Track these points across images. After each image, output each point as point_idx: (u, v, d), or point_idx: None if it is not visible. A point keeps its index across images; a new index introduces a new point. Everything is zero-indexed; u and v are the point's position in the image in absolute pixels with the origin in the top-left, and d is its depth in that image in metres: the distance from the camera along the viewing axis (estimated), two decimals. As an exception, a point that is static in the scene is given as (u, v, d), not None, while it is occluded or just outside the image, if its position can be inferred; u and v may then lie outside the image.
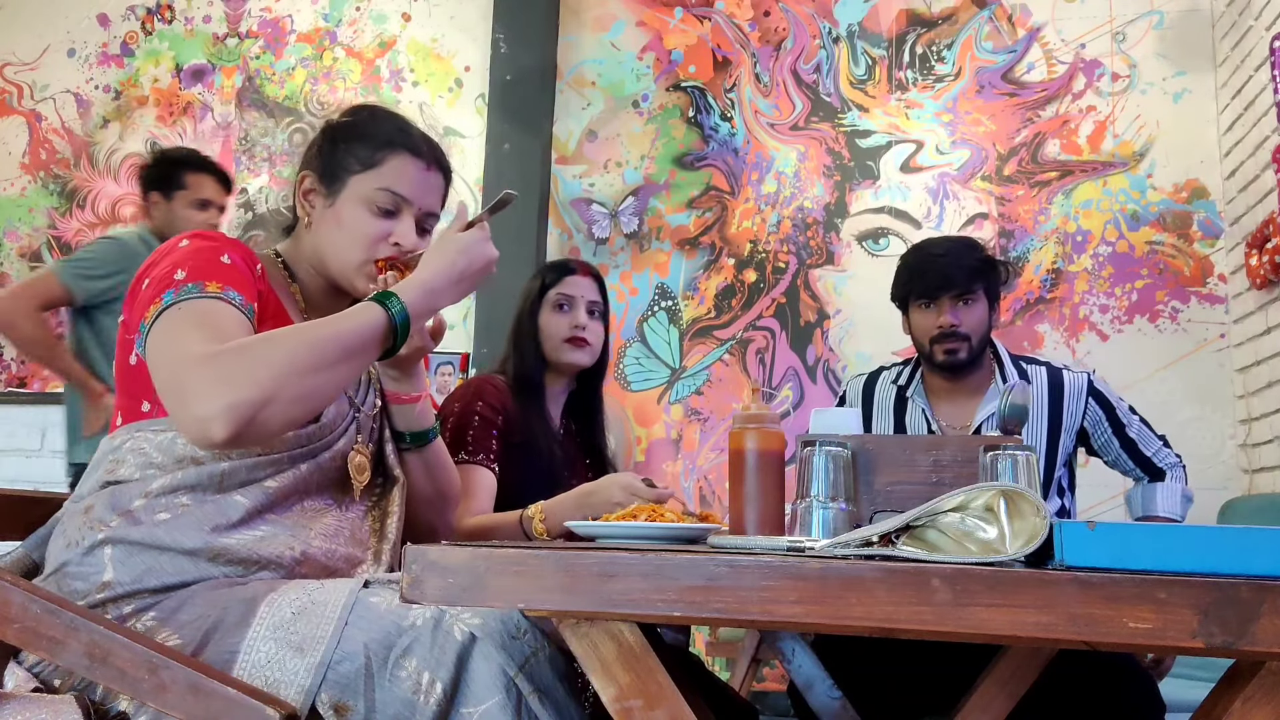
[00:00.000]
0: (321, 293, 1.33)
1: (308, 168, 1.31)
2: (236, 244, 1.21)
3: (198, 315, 1.09)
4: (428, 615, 1.02)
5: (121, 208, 4.64)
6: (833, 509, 1.14)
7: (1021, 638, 0.72)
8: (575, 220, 4.21)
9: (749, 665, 2.55)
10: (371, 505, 1.32)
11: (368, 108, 1.37)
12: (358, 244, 1.27)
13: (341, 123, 1.33)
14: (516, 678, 0.99)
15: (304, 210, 1.31)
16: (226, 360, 1.03)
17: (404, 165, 1.29)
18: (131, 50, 4.78)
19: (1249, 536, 0.75)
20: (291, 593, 1.08)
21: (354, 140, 1.29)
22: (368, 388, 1.35)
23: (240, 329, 1.11)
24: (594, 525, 1.23)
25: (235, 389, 1.00)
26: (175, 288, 1.12)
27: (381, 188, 1.27)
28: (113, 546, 1.11)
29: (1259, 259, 3.18)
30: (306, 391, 1.06)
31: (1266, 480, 3.26)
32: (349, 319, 1.13)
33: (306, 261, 1.32)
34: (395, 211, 1.28)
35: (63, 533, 1.17)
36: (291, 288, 1.31)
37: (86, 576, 1.11)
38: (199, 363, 1.03)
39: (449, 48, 4.49)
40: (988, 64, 3.94)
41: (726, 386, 3.97)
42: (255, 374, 1.02)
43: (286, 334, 1.09)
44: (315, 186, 1.30)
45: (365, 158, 1.27)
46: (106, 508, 1.13)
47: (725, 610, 0.77)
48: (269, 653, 1.03)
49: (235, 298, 1.13)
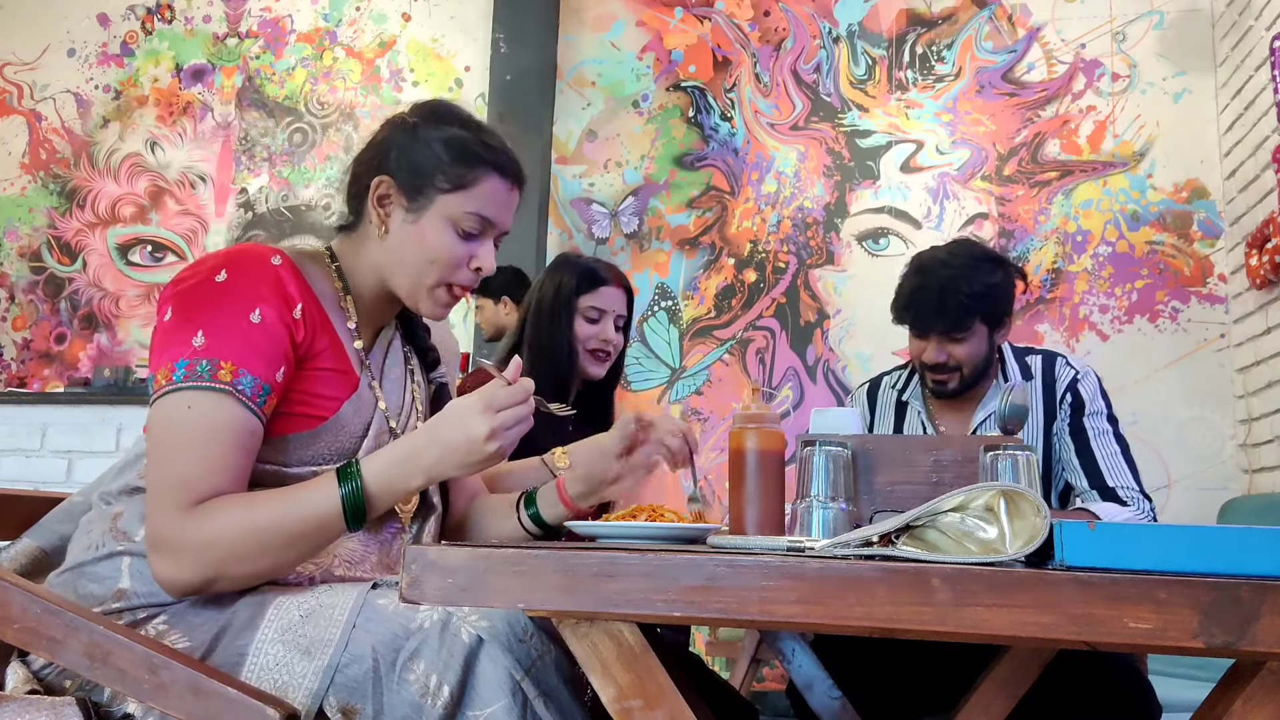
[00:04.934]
0: (376, 300, 1.27)
1: (384, 172, 1.22)
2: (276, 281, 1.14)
3: (194, 432, 1.07)
4: (435, 618, 1.02)
5: (121, 207, 4.64)
6: (833, 509, 1.14)
7: (1021, 638, 0.72)
8: (575, 220, 4.21)
9: (749, 665, 2.55)
10: (400, 529, 1.28)
11: (447, 112, 1.28)
12: (438, 265, 1.21)
13: (425, 128, 1.24)
14: (523, 681, 0.99)
15: (379, 218, 1.22)
16: (182, 531, 1.06)
17: (494, 188, 1.24)
18: (131, 50, 4.77)
19: (1249, 536, 0.75)
20: (299, 595, 1.08)
21: (442, 153, 1.22)
22: (411, 411, 1.31)
23: (235, 444, 1.08)
24: (594, 525, 1.23)
25: (183, 567, 1.05)
26: (190, 359, 1.08)
27: (471, 211, 1.22)
28: (132, 559, 1.12)
29: (1259, 259, 3.18)
30: (254, 573, 1.08)
31: (1266, 480, 3.26)
32: (298, 500, 1.08)
33: (370, 267, 1.25)
34: (479, 234, 1.24)
35: (87, 532, 1.17)
36: (344, 300, 1.24)
37: (102, 580, 1.11)
38: (167, 511, 1.06)
39: (449, 48, 4.49)
40: (988, 64, 3.93)
41: (726, 386, 3.97)
42: (200, 555, 1.05)
43: (233, 516, 1.07)
44: (394, 195, 1.22)
45: (456, 177, 1.21)
46: (134, 519, 1.14)
47: (725, 610, 0.77)
48: (277, 655, 1.03)
49: (247, 387, 1.08)
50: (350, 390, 1.19)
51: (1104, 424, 1.90)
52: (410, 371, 1.34)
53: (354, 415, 1.19)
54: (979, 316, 1.87)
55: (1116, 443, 1.89)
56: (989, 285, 1.87)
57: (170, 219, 4.61)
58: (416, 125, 1.25)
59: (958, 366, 1.89)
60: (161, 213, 4.62)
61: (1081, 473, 1.87)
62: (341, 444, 1.18)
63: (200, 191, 4.61)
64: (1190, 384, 3.56)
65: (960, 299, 1.84)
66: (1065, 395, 1.91)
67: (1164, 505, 3.44)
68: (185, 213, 4.61)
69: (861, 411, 2.11)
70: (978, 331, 1.88)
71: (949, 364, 1.89)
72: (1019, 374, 1.96)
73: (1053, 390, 1.93)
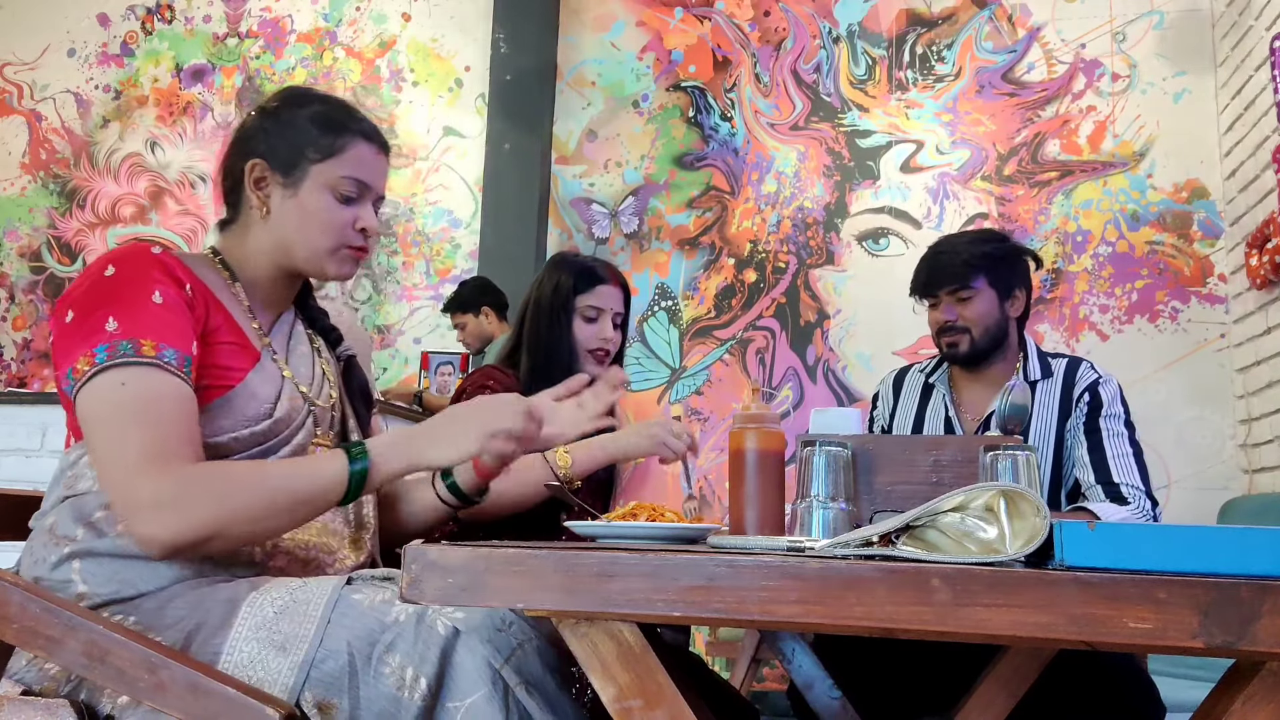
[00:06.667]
0: (271, 283, 1.30)
1: (254, 156, 1.26)
2: (162, 264, 1.17)
3: (139, 403, 1.07)
4: (410, 611, 1.02)
5: (121, 207, 4.64)
6: (833, 509, 1.14)
7: (1021, 638, 0.72)
8: (575, 220, 4.21)
9: (749, 665, 2.55)
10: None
11: (306, 93, 1.34)
12: (329, 231, 1.27)
13: (287, 109, 1.30)
14: (503, 669, 0.99)
15: (259, 200, 1.27)
16: (181, 484, 1.05)
17: (362, 153, 1.29)
18: (131, 50, 4.77)
19: (1249, 536, 0.75)
20: (273, 591, 1.07)
21: (309, 127, 1.27)
22: (323, 381, 1.34)
23: (181, 412, 1.09)
24: (594, 525, 1.23)
25: (183, 518, 1.04)
26: (108, 343, 1.08)
27: (346, 175, 1.27)
28: (80, 560, 1.11)
29: (1259, 259, 3.18)
30: (253, 533, 1.10)
31: (1266, 480, 3.26)
32: (309, 467, 1.14)
33: (258, 253, 1.29)
34: (357, 198, 1.29)
35: (30, 551, 1.16)
36: (233, 287, 1.28)
37: (60, 589, 1.10)
38: (146, 473, 1.04)
39: (449, 48, 4.49)
40: (988, 64, 3.93)
41: (726, 386, 3.97)
42: (205, 509, 1.05)
43: (244, 473, 1.10)
44: (269, 175, 1.27)
45: (325, 146, 1.26)
46: (69, 521, 1.13)
47: (725, 610, 0.77)
48: (252, 653, 1.02)
49: (171, 359, 1.10)
50: (253, 361, 1.22)
51: (1120, 427, 1.92)
52: (317, 350, 1.37)
53: (261, 383, 1.21)
54: (983, 275, 1.96)
55: (1130, 445, 1.91)
56: (992, 247, 1.99)
57: (170, 219, 4.61)
58: (278, 108, 1.30)
59: (966, 328, 1.96)
60: (161, 213, 4.62)
61: (1090, 468, 1.89)
62: (255, 410, 1.19)
63: (200, 191, 4.61)
64: (1190, 384, 3.56)
65: (963, 257, 1.96)
66: (1083, 395, 1.94)
67: (1164, 505, 3.43)
68: (185, 213, 4.61)
69: (884, 396, 2.15)
70: (985, 294, 1.96)
71: (957, 324, 1.96)
72: (1040, 371, 1.98)
73: (1071, 389, 1.96)
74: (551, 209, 4.22)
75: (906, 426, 2.06)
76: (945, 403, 2.04)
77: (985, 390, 2.02)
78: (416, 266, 4.44)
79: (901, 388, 2.13)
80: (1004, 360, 2.02)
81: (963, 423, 2.01)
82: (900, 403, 2.11)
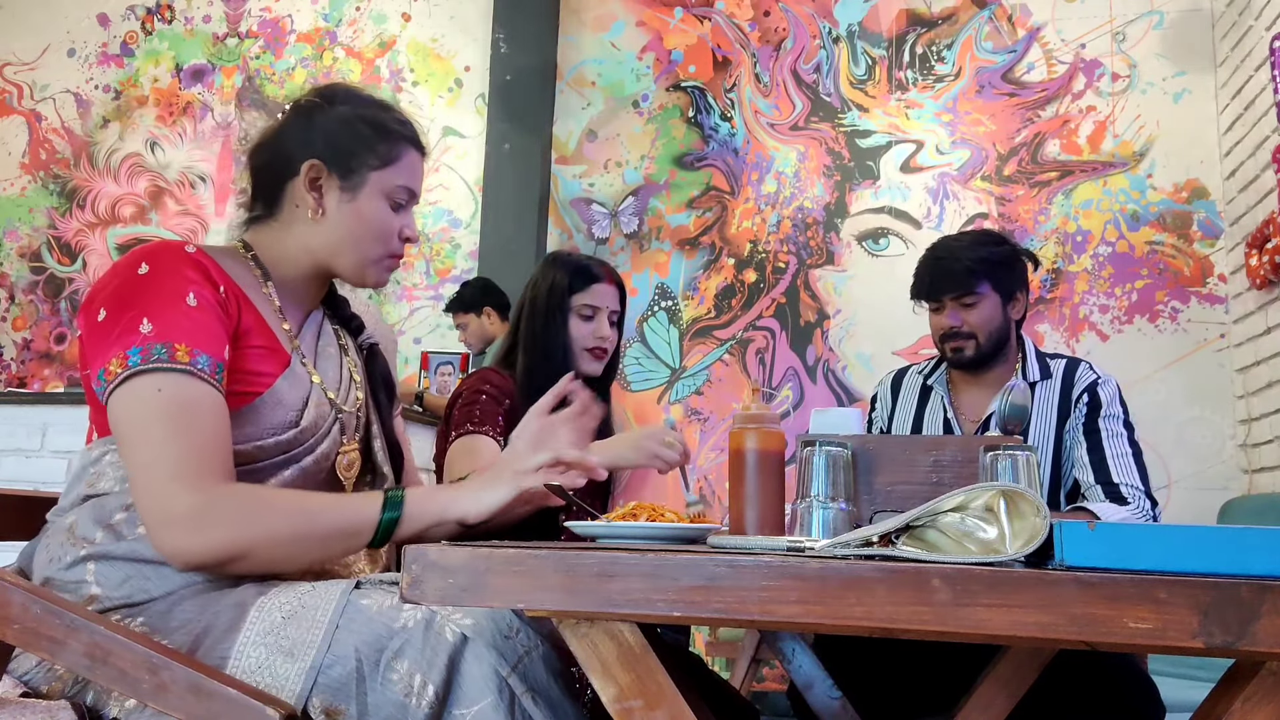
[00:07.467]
0: (305, 283, 1.29)
1: (311, 156, 1.24)
2: (197, 264, 1.16)
3: (175, 410, 1.06)
4: (418, 617, 1.02)
5: (121, 207, 4.64)
6: (833, 509, 1.14)
7: (1021, 638, 0.72)
8: (575, 220, 4.21)
9: (749, 665, 2.56)
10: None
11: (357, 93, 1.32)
12: (381, 239, 1.27)
13: (341, 110, 1.28)
14: (509, 677, 0.99)
15: (314, 201, 1.25)
16: (215, 501, 1.05)
17: (413, 159, 1.30)
18: (131, 50, 4.78)
19: (1249, 536, 0.75)
20: (281, 596, 1.07)
21: (367, 132, 1.26)
22: (350, 385, 1.33)
23: (217, 424, 1.09)
24: (594, 525, 1.23)
25: (211, 537, 1.05)
26: (142, 345, 1.07)
27: (401, 185, 1.28)
28: (95, 562, 1.10)
29: (1259, 259, 3.18)
30: (279, 560, 1.10)
31: (1266, 480, 3.26)
32: (346, 505, 1.14)
33: (300, 252, 1.27)
34: (405, 205, 1.30)
35: (46, 548, 1.16)
36: (265, 287, 1.26)
37: (72, 590, 1.10)
38: (181, 486, 1.04)
39: (449, 48, 4.49)
40: (988, 64, 3.94)
41: (726, 386, 3.97)
42: (235, 530, 1.05)
43: (279, 501, 1.10)
44: (325, 177, 1.25)
45: (384, 153, 1.26)
46: (89, 522, 1.12)
47: (725, 610, 0.77)
48: (259, 658, 1.02)
49: (205, 365, 1.09)
50: (282, 366, 1.21)
51: (1119, 427, 1.92)
52: (343, 348, 1.36)
53: (289, 389, 1.20)
54: (987, 281, 1.96)
55: (1129, 445, 1.91)
56: (993, 252, 1.99)
57: (170, 219, 4.61)
58: (329, 107, 1.29)
59: (971, 334, 1.96)
60: (161, 213, 4.62)
61: (1089, 468, 1.89)
62: (281, 418, 1.19)
63: (200, 191, 4.61)
64: (1190, 384, 3.56)
65: (966, 263, 1.95)
66: (1082, 395, 1.95)
67: (1164, 505, 3.44)
68: (185, 213, 4.61)
69: (882, 397, 2.15)
70: (989, 298, 1.96)
71: (963, 329, 1.96)
72: (1038, 372, 1.98)
73: (1070, 390, 1.96)
74: (551, 209, 4.22)
75: (905, 428, 2.06)
76: (944, 404, 2.04)
77: (983, 392, 2.02)
78: (416, 266, 4.44)
79: (900, 389, 2.13)
80: (1003, 362, 2.02)
81: (961, 425, 2.01)
82: (899, 404, 2.11)
